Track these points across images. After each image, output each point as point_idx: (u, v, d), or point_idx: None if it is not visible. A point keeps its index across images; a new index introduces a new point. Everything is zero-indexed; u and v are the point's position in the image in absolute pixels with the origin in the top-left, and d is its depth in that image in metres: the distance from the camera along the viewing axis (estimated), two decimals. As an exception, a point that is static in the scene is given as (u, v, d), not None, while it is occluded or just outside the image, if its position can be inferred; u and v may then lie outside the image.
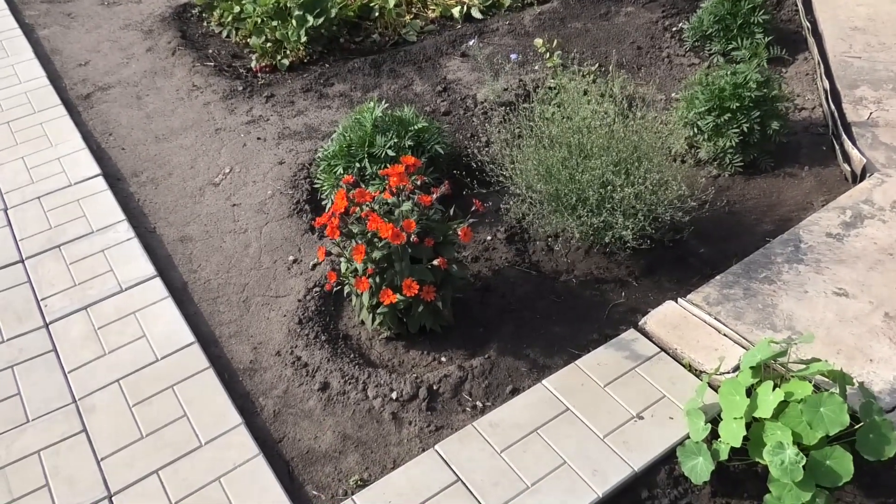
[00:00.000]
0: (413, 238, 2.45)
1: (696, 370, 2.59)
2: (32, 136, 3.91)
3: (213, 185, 3.66)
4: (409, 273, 2.50)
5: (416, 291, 2.45)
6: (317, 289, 3.00)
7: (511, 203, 2.91)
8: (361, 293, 2.60)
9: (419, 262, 2.58)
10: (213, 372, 2.64)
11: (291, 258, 3.20)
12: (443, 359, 2.75)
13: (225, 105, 4.22)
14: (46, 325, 2.85)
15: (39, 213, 3.40)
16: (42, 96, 4.22)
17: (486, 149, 3.25)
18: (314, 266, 3.13)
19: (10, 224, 3.34)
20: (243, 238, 3.33)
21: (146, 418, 2.50)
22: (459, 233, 2.53)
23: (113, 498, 2.28)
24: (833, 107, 3.77)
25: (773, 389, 2.14)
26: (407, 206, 2.55)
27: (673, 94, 4.05)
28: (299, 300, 2.96)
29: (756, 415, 2.15)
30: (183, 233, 3.38)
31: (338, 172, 3.26)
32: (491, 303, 2.95)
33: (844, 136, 3.54)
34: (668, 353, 2.66)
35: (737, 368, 2.53)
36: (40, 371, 2.68)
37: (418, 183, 2.69)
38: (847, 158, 3.48)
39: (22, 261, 3.14)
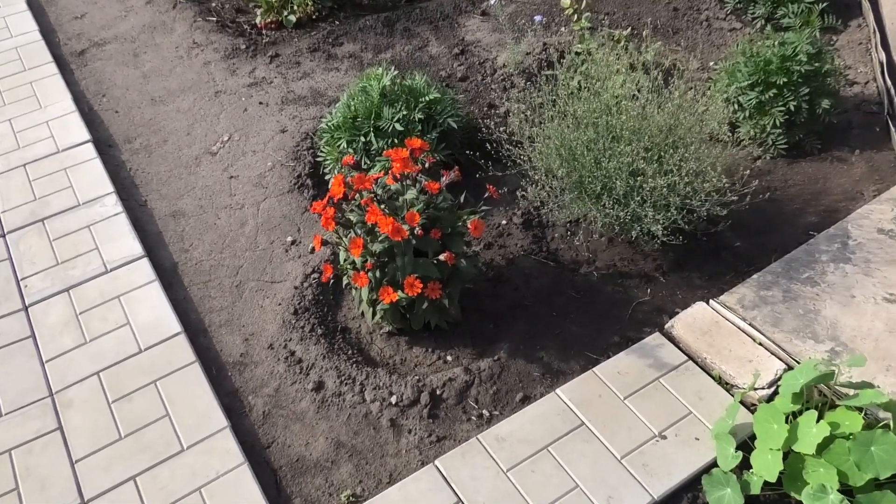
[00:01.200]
0: (417, 231, 2.20)
1: (726, 383, 2.34)
2: (21, 97, 3.68)
3: (210, 155, 3.41)
4: (413, 269, 2.26)
5: (420, 290, 2.21)
6: (315, 275, 2.78)
7: (528, 189, 2.64)
8: (360, 288, 2.36)
9: (424, 255, 2.33)
10: (199, 367, 2.44)
11: (290, 239, 2.97)
12: (448, 357, 2.53)
13: (226, 65, 3.94)
14: (25, 308, 2.66)
15: (24, 182, 3.18)
16: (33, 52, 3.97)
17: (504, 126, 2.96)
18: (313, 249, 2.90)
19: (-7, 193, 3.13)
20: (239, 215, 3.10)
21: (126, 417, 2.32)
22: (469, 226, 2.27)
23: (86, 506, 2.11)
24: (889, 82, 3.41)
25: (817, 421, 1.89)
26: (411, 193, 2.30)
27: (711, 63, 3.71)
28: (296, 287, 2.74)
29: (796, 448, 1.91)
30: (176, 207, 3.15)
31: (341, 147, 3.00)
32: (503, 295, 2.71)
33: (901, 117, 3.20)
34: (697, 363, 2.41)
35: (772, 384, 2.28)
36: (17, 359, 2.50)
37: (426, 165, 2.42)
38: (903, 142, 3.16)
39: (3, 235, 2.94)
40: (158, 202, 3.18)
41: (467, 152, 3.01)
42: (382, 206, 2.28)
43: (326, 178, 3.19)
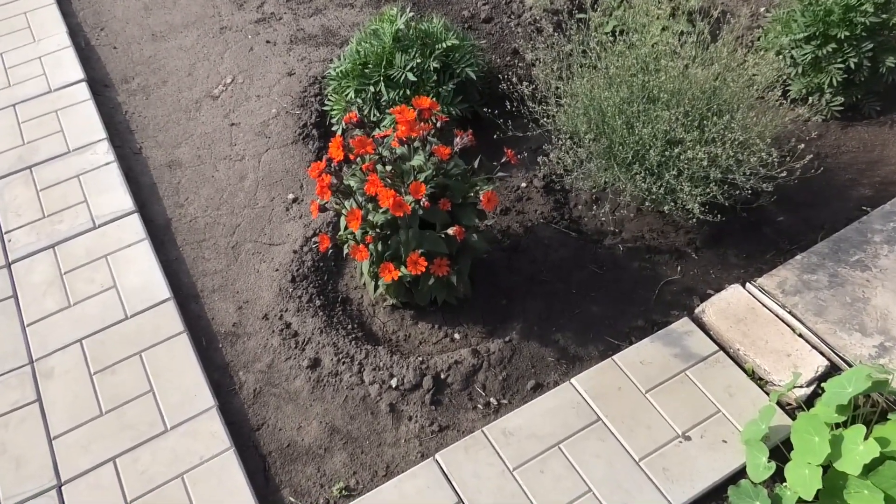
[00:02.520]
0: (424, 203, 1.97)
1: (760, 379, 2.13)
2: (15, 28, 3.44)
3: (211, 98, 3.17)
4: (418, 243, 2.04)
5: (424, 269, 2.00)
6: (316, 239, 2.57)
7: (551, 155, 2.38)
8: (360, 262, 2.15)
9: (431, 226, 2.10)
10: (187, 338, 2.27)
11: (291, 196, 2.75)
12: (456, 336, 2.33)
13: (233, -2, 3.65)
14: (9, 265, 2.50)
15: (13, 123, 2.98)
16: (28, -22, 3.70)
17: (528, 80, 2.68)
18: (316, 209, 2.69)
19: (-21, 136, 2.94)
20: (239, 167, 2.88)
21: (108, 391, 2.17)
22: (481, 198, 2.04)
23: (63, 488, 1.98)
24: (963, 36, 3.04)
25: (865, 438, 1.68)
26: (419, 159, 2.05)
27: (762, 10, 3.34)
28: (295, 252, 2.54)
29: (838, 466, 1.70)
30: (172, 156, 2.94)
31: (349, 96, 2.74)
32: (519, 268, 2.49)
33: (975, 78, 2.85)
34: (728, 354, 2.19)
35: (812, 383, 2.06)
36: (-2, 321, 2.35)
37: (437, 124, 2.17)
38: (975, 106, 2.82)
39: (-12, 183, 2.76)
40: (154, 150, 2.96)
41: (485, 110, 2.73)
42: (388, 169, 2.04)
43: (333, 129, 2.95)
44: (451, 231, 2.04)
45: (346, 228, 2.20)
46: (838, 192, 2.65)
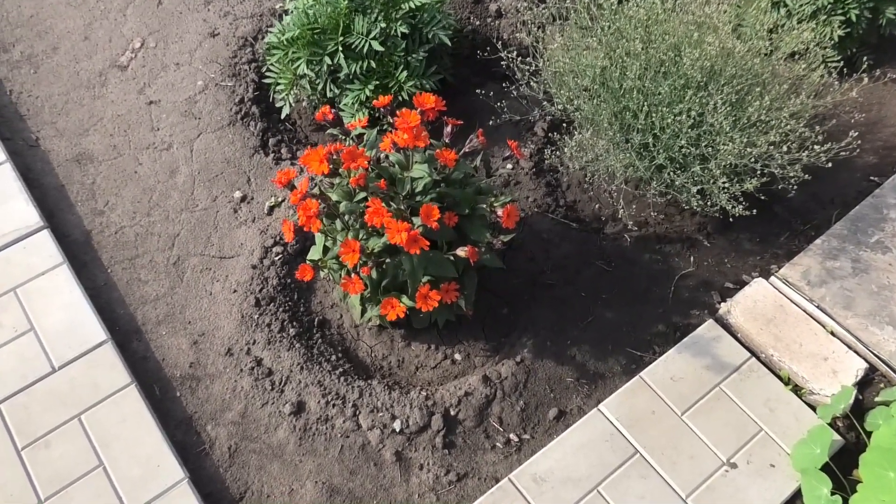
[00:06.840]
0: (433, 224, 1.61)
1: (797, 387, 1.95)
2: None
3: (118, 69, 2.61)
4: (426, 269, 1.69)
5: (437, 303, 1.66)
6: (278, 248, 2.16)
7: (570, 143, 2.05)
8: (350, 296, 1.79)
9: (435, 246, 1.75)
10: (137, 391, 1.86)
11: (238, 194, 2.31)
12: (457, 356, 2.03)
13: (127, -63, 3.01)
14: None
15: None
16: None
17: (497, 32, 2.30)
18: (271, 209, 2.27)
19: None
20: (168, 158, 2.39)
21: (44, 470, 1.74)
22: (500, 213, 1.70)
23: None
24: (946, -22, 2.88)
25: (949, 473, 1.52)
26: (421, 169, 1.68)
27: (739, -52, 3.04)
28: (254, 266, 2.13)
29: (919, 504, 1.55)
30: (80, 147, 2.40)
31: (299, 69, 2.28)
32: (517, 268, 2.18)
33: (965, 26, 2.70)
34: (760, 360, 2.00)
35: (857, 387, 1.90)
36: None
37: (430, 119, 1.78)
38: (966, 58, 2.67)
39: None
40: (55, 141, 2.41)
41: (479, 91, 2.35)
42: (374, 174, 1.66)
43: (277, 105, 2.48)
44: (462, 252, 1.70)
45: (325, 251, 1.82)
46: (842, 160, 2.45)
